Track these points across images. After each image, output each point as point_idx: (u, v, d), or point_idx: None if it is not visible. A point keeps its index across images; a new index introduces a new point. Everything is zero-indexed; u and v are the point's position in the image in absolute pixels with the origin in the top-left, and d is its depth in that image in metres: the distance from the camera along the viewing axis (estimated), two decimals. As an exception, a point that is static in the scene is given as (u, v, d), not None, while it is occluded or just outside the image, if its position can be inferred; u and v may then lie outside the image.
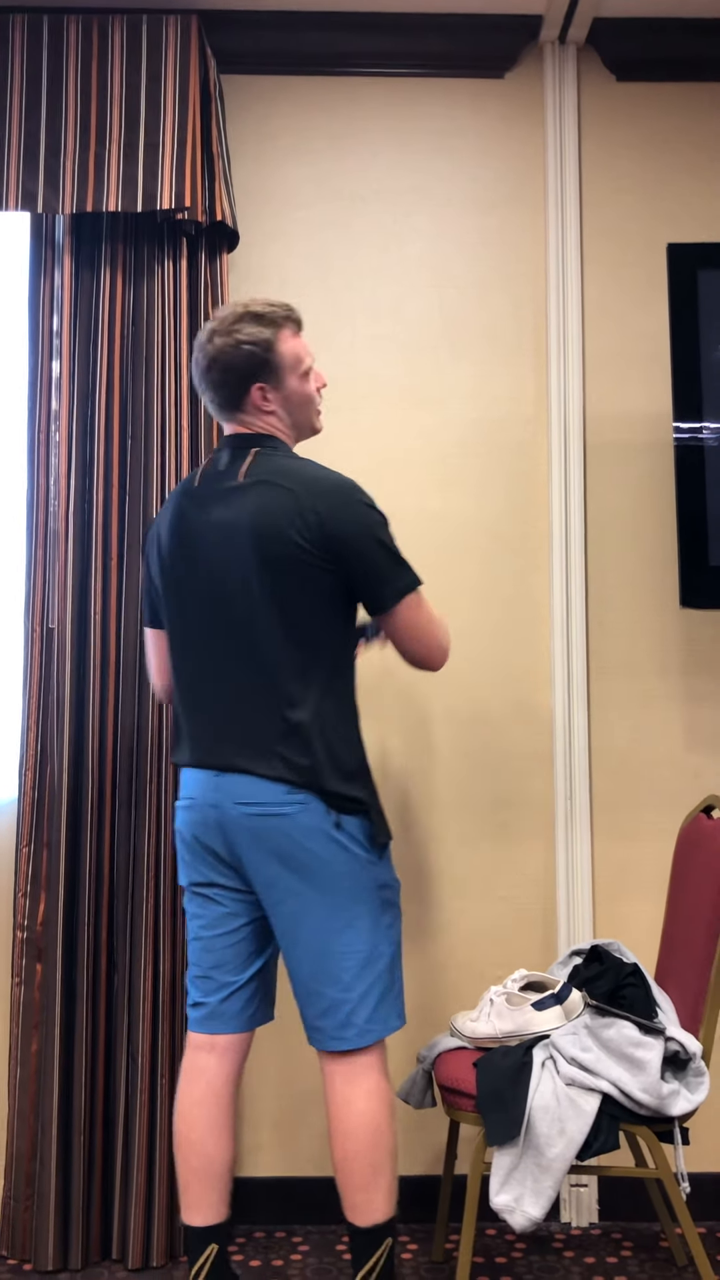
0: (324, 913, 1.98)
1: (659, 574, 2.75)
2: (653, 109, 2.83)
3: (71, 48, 2.59)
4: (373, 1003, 2.00)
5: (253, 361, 2.06)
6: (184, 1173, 2.07)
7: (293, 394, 2.11)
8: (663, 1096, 2.08)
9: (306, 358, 2.12)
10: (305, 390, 2.12)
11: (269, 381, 2.08)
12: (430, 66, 2.81)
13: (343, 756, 2.01)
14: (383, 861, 2.05)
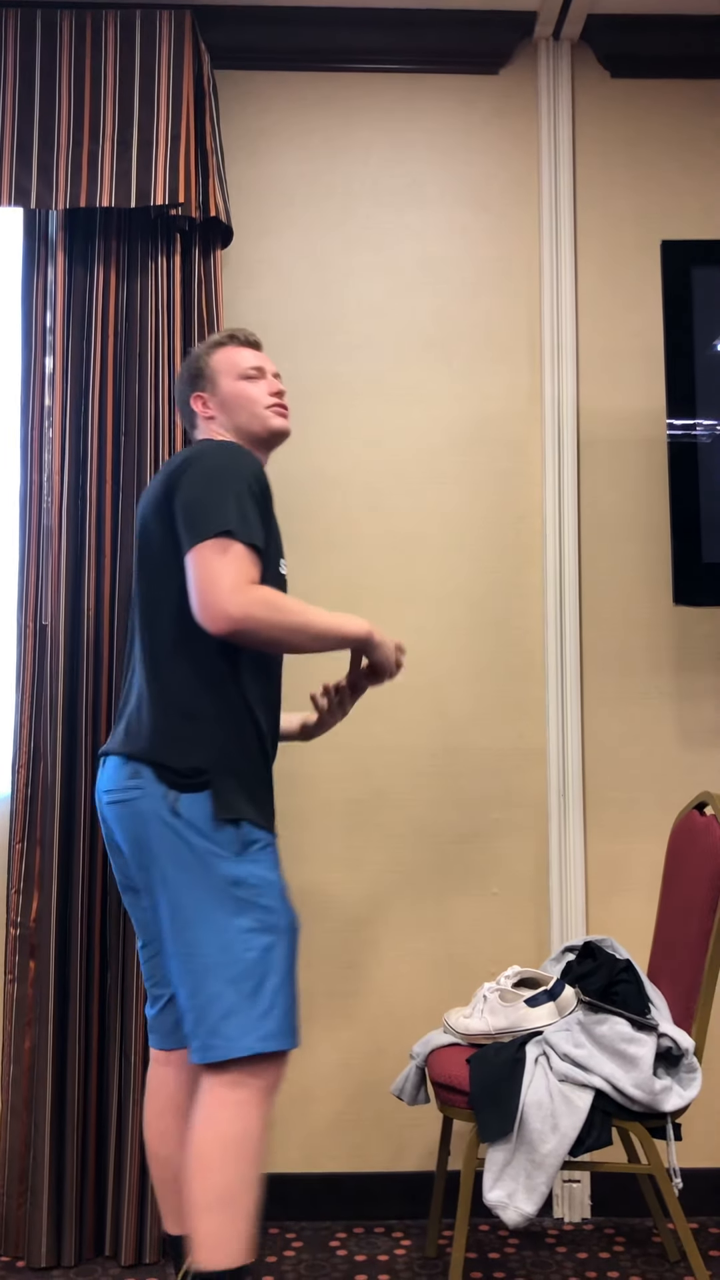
0: (169, 911, 1.86)
1: (652, 571, 2.76)
2: (647, 105, 2.83)
3: (65, 42, 2.58)
4: (217, 1016, 1.80)
5: (190, 375, 2.17)
6: (155, 1184, 2.06)
7: (228, 396, 2.12)
8: (655, 1092, 2.09)
9: (244, 363, 2.14)
10: (242, 391, 2.12)
11: (205, 390, 2.15)
12: (424, 62, 2.80)
13: (188, 727, 1.88)
14: (240, 856, 1.85)
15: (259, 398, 2.13)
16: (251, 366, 2.15)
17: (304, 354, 2.77)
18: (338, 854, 2.69)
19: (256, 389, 2.14)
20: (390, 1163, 2.65)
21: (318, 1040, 2.66)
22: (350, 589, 2.73)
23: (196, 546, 1.86)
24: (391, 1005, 2.67)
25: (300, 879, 2.68)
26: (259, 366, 2.16)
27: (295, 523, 2.74)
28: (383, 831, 2.70)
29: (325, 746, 2.70)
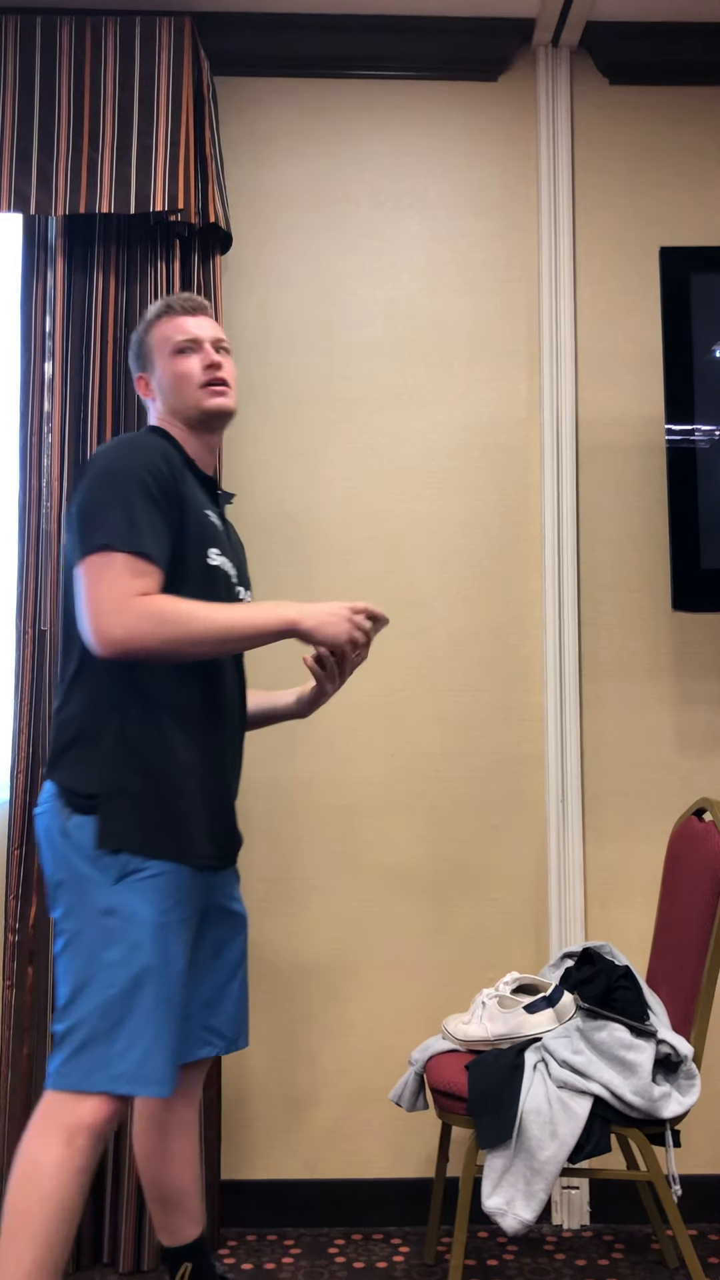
0: (56, 930, 1.81)
1: (651, 577, 2.76)
2: (645, 112, 2.84)
3: (64, 49, 2.59)
4: (71, 1048, 1.73)
5: (134, 355, 2.06)
6: (146, 1198, 2.07)
7: (163, 376, 1.98)
8: (654, 1099, 2.09)
9: (178, 336, 1.97)
10: (173, 369, 1.97)
11: (145, 370, 2.02)
12: (424, 69, 2.81)
13: (86, 750, 1.81)
14: (115, 885, 1.76)
15: (192, 374, 1.96)
16: (185, 339, 1.97)
17: (303, 360, 2.77)
18: (335, 859, 2.69)
19: (189, 365, 1.97)
20: (389, 1169, 2.65)
21: (317, 1047, 2.66)
22: (349, 594, 2.73)
23: (78, 564, 1.78)
24: (390, 1011, 2.67)
25: (298, 884, 2.68)
26: (194, 338, 1.98)
27: (293, 528, 2.74)
28: (381, 837, 2.70)
29: (322, 753, 2.70)
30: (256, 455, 2.75)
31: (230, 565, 1.98)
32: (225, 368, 1.99)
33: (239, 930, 2.04)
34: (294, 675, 2.73)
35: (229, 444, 2.72)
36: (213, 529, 1.94)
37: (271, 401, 2.76)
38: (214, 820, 1.90)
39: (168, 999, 1.76)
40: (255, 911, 2.67)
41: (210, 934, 1.98)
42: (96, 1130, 1.73)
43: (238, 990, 2.03)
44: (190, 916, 1.85)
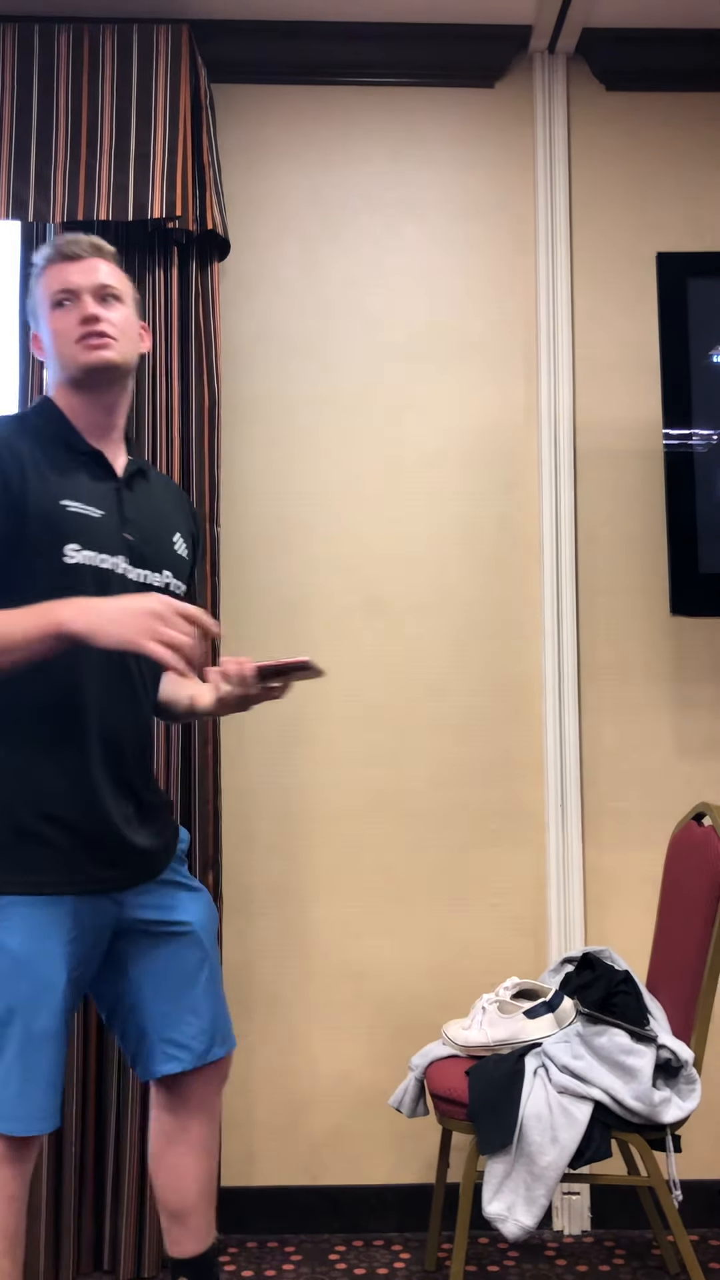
0: None
1: (649, 581, 2.76)
2: (641, 118, 2.84)
3: (62, 57, 2.59)
4: None
5: (30, 313, 1.91)
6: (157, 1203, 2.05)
7: (52, 333, 1.84)
8: (654, 1104, 2.09)
9: (55, 288, 1.83)
10: (53, 325, 1.83)
11: (36, 326, 1.89)
12: (420, 76, 2.81)
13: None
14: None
15: (67, 333, 1.81)
16: (60, 290, 1.81)
17: (301, 366, 2.78)
18: (335, 865, 2.69)
19: (66, 320, 1.81)
20: (389, 1175, 2.64)
21: (316, 1053, 2.65)
22: (346, 599, 2.73)
23: None
24: (390, 1017, 2.67)
25: (297, 889, 2.67)
26: (70, 289, 1.81)
27: (291, 533, 2.74)
28: (380, 843, 2.70)
29: (322, 758, 2.70)
30: (254, 462, 2.75)
31: (117, 555, 1.81)
32: (107, 317, 1.81)
33: (184, 944, 1.90)
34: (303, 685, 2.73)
35: (226, 451, 2.73)
36: (75, 521, 1.76)
37: (270, 408, 2.76)
38: (88, 841, 1.77)
39: (41, 1034, 1.70)
40: (255, 915, 2.67)
41: (139, 952, 1.88)
42: (12, 1158, 1.70)
43: (199, 1000, 1.90)
44: (76, 939, 1.75)
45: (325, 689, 2.70)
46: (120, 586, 1.80)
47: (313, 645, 2.71)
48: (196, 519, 2.09)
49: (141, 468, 1.95)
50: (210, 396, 2.60)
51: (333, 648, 2.72)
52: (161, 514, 1.94)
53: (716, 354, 2.57)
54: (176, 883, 1.93)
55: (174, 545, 1.94)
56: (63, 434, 1.84)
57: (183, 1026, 1.90)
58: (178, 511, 2.00)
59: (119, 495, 1.86)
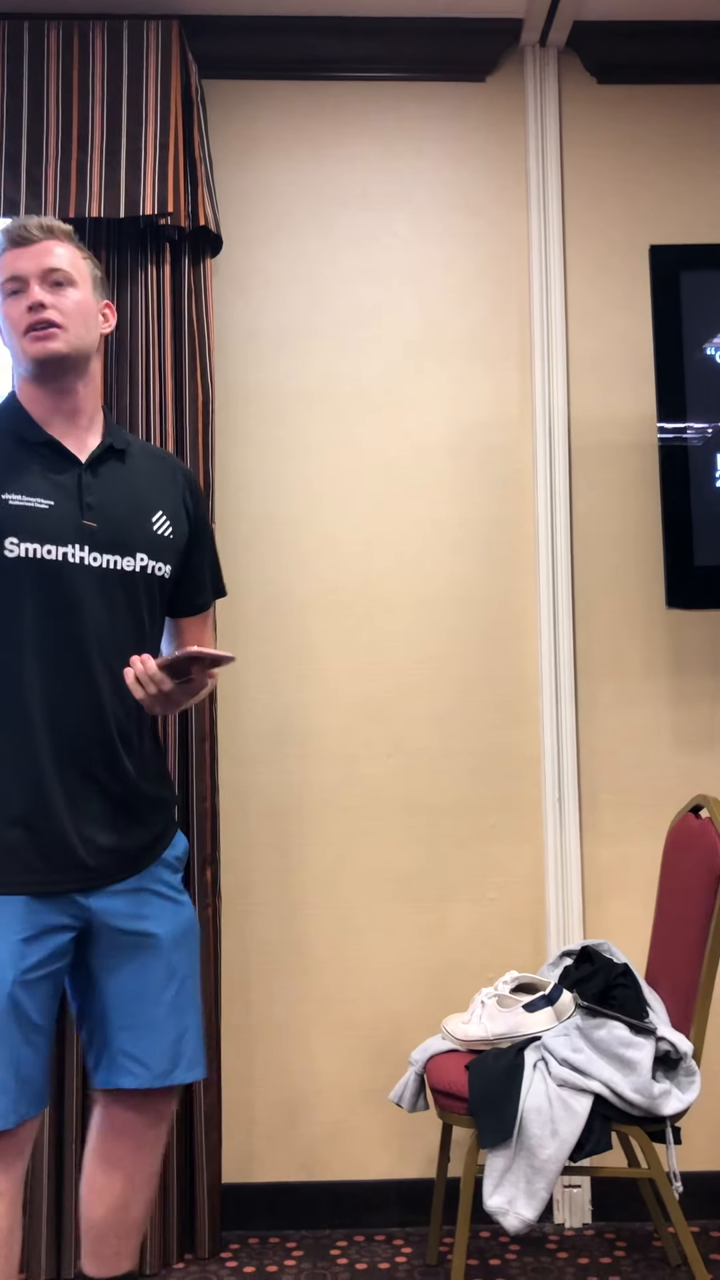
0: None
1: (645, 575, 2.76)
2: (633, 111, 2.84)
3: (52, 54, 2.59)
4: None
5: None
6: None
7: (4, 323, 1.81)
8: (654, 1096, 2.09)
9: (6, 274, 1.79)
10: (8, 313, 1.79)
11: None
12: (411, 70, 2.81)
13: None
14: None
15: (16, 321, 1.77)
16: (10, 279, 1.78)
17: (294, 361, 2.77)
18: (334, 861, 2.69)
19: (15, 309, 1.77)
20: (390, 1170, 2.65)
21: (316, 1048, 2.66)
22: (341, 595, 2.73)
23: None
24: (389, 1012, 2.67)
25: (295, 885, 2.68)
26: (18, 275, 1.77)
27: (285, 529, 2.74)
28: (378, 838, 2.70)
29: (319, 754, 2.70)
30: (246, 457, 2.75)
31: (69, 544, 1.77)
32: (53, 304, 1.77)
33: (151, 958, 1.84)
34: (299, 680, 2.73)
35: (220, 448, 2.72)
36: (16, 514, 1.75)
37: (262, 404, 2.76)
38: (41, 841, 1.75)
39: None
40: (253, 912, 2.67)
41: (106, 959, 1.83)
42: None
43: (162, 1018, 1.84)
44: (31, 937, 1.72)
45: (323, 685, 2.70)
46: (74, 575, 1.77)
47: (308, 641, 2.71)
48: (193, 491, 2.00)
49: (117, 447, 1.89)
50: (203, 393, 2.60)
51: (328, 644, 2.72)
52: (137, 495, 1.88)
53: (710, 347, 2.57)
54: (156, 891, 1.87)
55: (153, 526, 1.88)
56: (16, 427, 1.82)
57: (144, 1043, 1.84)
58: (161, 488, 1.93)
59: (79, 481, 1.82)
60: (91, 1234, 1.91)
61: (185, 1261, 2.48)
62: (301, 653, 2.72)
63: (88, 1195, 1.91)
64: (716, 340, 2.57)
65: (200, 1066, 1.89)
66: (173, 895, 1.90)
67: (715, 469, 2.55)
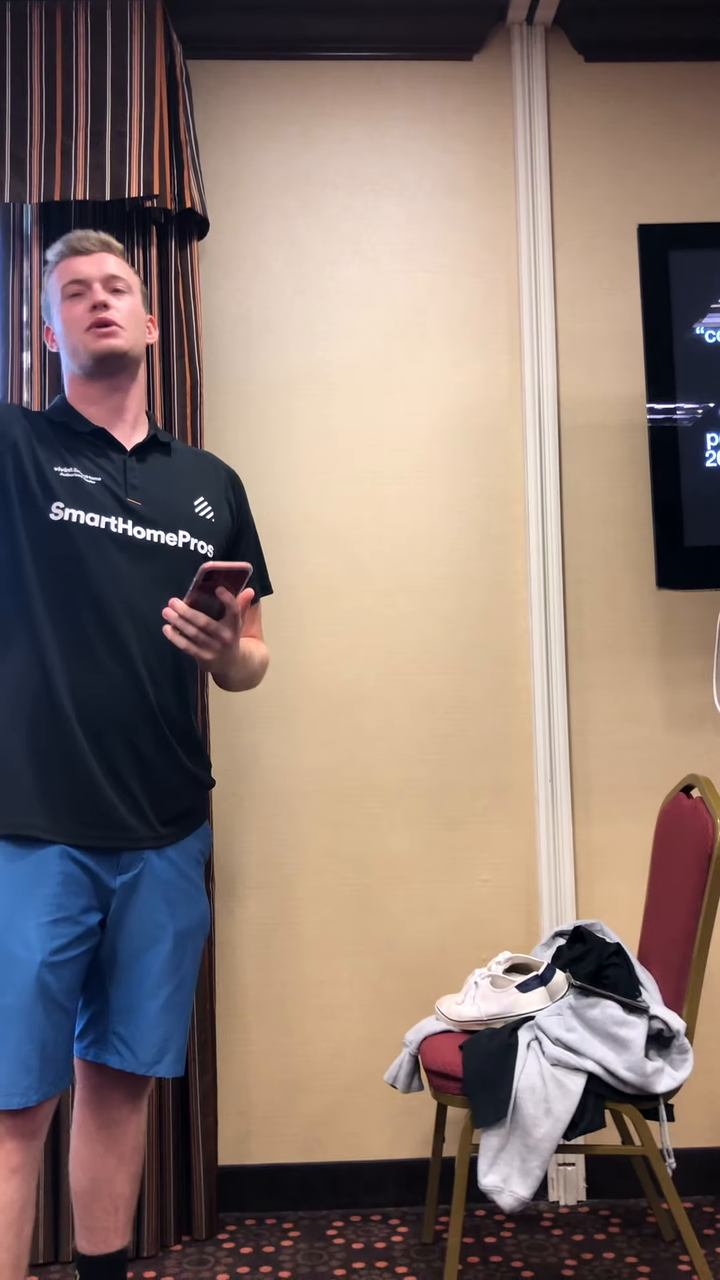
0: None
1: (636, 555, 2.76)
2: (621, 89, 2.83)
3: (35, 36, 2.56)
4: None
5: (43, 306, 2.00)
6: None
7: (60, 325, 1.94)
8: (647, 1074, 2.10)
9: (67, 279, 1.92)
10: (65, 316, 1.92)
11: (49, 320, 1.98)
12: (398, 49, 2.79)
13: None
14: None
15: (79, 319, 1.90)
16: (72, 282, 1.90)
17: (283, 344, 2.76)
18: (326, 845, 2.69)
19: (77, 310, 1.90)
20: (385, 1151, 2.66)
21: (311, 1030, 2.67)
22: (333, 578, 2.73)
23: None
24: (383, 994, 2.68)
25: (288, 869, 2.68)
26: (81, 279, 1.90)
27: (277, 513, 2.73)
28: (371, 821, 2.70)
29: (311, 738, 2.70)
30: (237, 441, 2.74)
31: (112, 516, 1.86)
32: (115, 306, 1.90)
33: (158, 940, 1.88)
34: (291, 664, 2.73)
35: (209, 432, 2.72)
36: (64, 484, 1.84)
37: (251, 387, 2.75)
38: (68, 798, 1.80)
39: (11, 1010, 1.71)
40: (246, 896, 2.67)
41: (126, 941, 1.88)
42: (11, 1132, 1.72)
43: (158, 1011, 1.87)
44: (59, 919, 1.77)
45: (314, 669, 2.70)
46: (119, 545, 1.86)
47: (298, 625, 2.71)
48: (237, 488, 2.10)
49: (162, 441, 2.00)
50: (191, 376, 2.59)
51: (319, 627, 2.72)
52: (180, 480, 1.98)
53: (699, 326, 2.57)
54: (180, 884, 1.92)
55: (195, 508, 1.97)
56: (66, 420, 1.93)
57: (135, 1029, 1.88)
58: (204, 478, 2.03)
59: (125, 465, 1.92)
60: (79, 1207, 1.97)
61: (182, 1243, 2.49)
62: (292, 636, 2.71)
63: (74, 1169, 1.97)
64: (706, 320, 2.56)
65: (181, 1066, 1.93)
66: (194, 889, 1.96)
67: (705, 449, 2.55)
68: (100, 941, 1.87)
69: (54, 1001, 1.76)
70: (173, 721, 1.92)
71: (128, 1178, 1.96)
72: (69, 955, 1.78)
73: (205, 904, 1.98)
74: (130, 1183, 1.97)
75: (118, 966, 1.88)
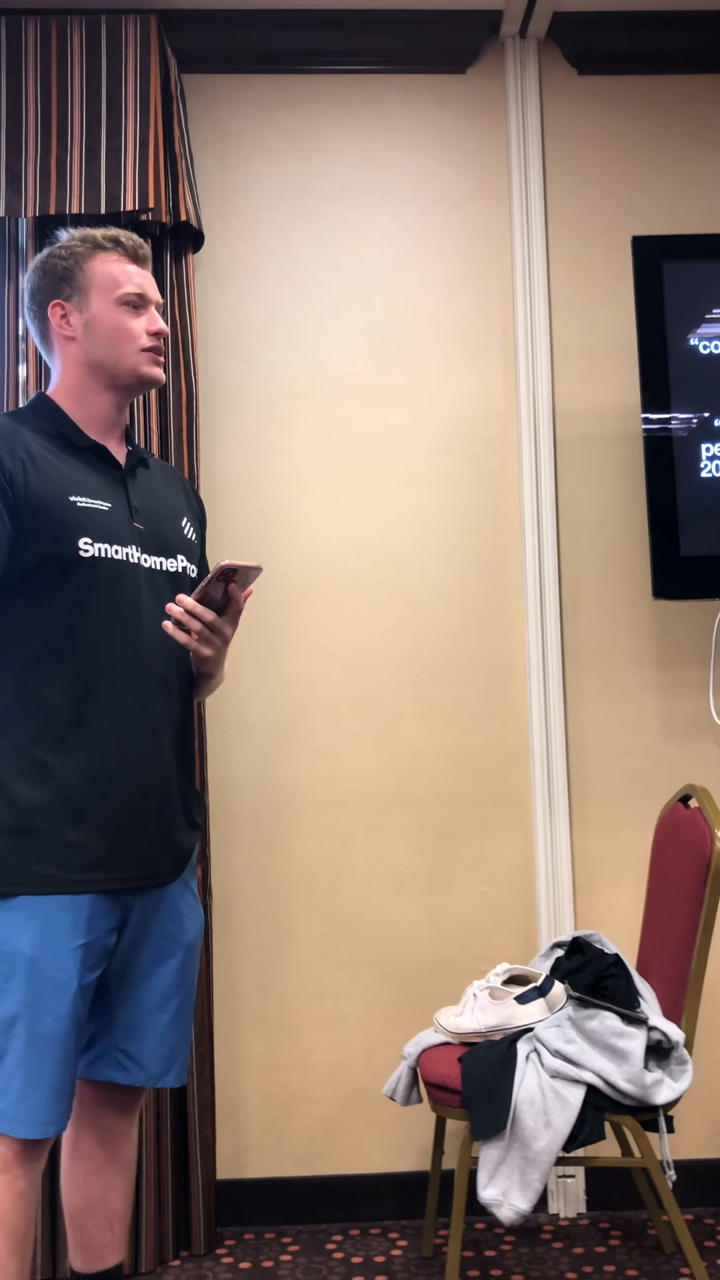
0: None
1: (631, 565, 2.77)
2: (614, 102, 2.84)
3: (30, 50, 2.57)
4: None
5: (53, 274, 1.85)
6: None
7: (98, 321, 1.83)
8: (647, 1086, 2.09)
9: (129, 286, 1.84)
10: (117, 321, 1.83)
11: (70, 298, 1.84)
12: (392, 63, 2.80)
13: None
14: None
15: (137, 336, 1.84)
16: (135, 291, 1.85)
17: (278, 356, 2.77)
18: (322, 855, 2.69)
19: (136, 324, 1.84)
20: (384, 1164, 2.65)
21: (309, 1044, 2.66)
22: (329, 590, 2.73)
23: None
24: (381, 1006, 2.67)
25: (285, 881, 2.68)
26: (143, 294, 1.85)
27: (272, 525, 2.73)
28: (369, 832, 2.70)
29: (308, 749, 2.70)
30: (232, 453, 2.74)
31: (129, 545, 1.82)
32: (166, 335, 1.91)
33: (170, 954, 1.87)
34: (288, 676, 2.73)
35: (205, 444, 2.72)
36: (86, 515, 1.77)
37: (246, 399, 2.76)
38: (112, 840, 1.76)
39: (48, 1037, 1.69)
40: (243, 909, 2.67)
41: (141, 956, 1.86)
42: (22, 1157, 1.70)
43: (168, 1024, 1.87)
44: (90, 943, 1.74)
45: (312, 680, 2.70)
46: (135, 576, 1.82)
47: (295, 636, 2.71)
48: (200, 502, 2.10)
49: (143, 457, 1.97)
50: (187, 389, 2.59)
51: (316, 638, 2.72)
52: (167, 501, 1.96)
53: (694, 337, 2.57)
54: (184, 895, 1.91)
55: (183, 530, 1.96)
56: (61, 430, 1.85)
57: (143, 1043, 1.87)
58: (181, 496, 2.02)
59: (124, 485, 1.88)
60: (73, 1225, 1.94)
61: (181, 1259, 2.48)
62: (288, 647, 2.71)
63: (66, 1187, 1.94)
64: (700, 331, 2.57)
65: (185, 1075, 1.93)
66: (194, 899, 1.95)
67: (700, 459, 2.56)
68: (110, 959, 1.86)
69: (80, 1027, 1.75)
70: (190, 754, 1.92)
71: (123, 1192, 1.95)
72: (93, 976, 1.77)
73: (202, 912, 1.97)
74: (125, 1198, 1.95)
75: (127, 983, 1.85)
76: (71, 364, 1.87)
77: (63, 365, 1.88)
